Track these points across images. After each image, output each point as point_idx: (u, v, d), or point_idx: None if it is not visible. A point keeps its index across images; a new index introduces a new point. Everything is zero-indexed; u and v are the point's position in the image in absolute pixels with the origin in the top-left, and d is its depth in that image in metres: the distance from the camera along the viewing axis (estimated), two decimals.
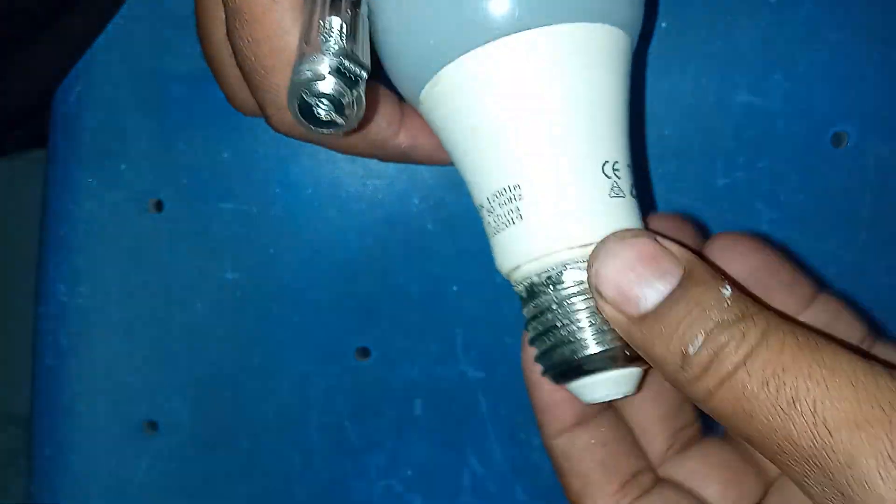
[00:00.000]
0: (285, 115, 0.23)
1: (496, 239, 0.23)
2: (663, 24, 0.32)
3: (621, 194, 0.22)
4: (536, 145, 0.22)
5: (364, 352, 0.35)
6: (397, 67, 0.23)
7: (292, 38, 0.22)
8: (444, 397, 0.35)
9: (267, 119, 0.25)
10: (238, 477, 0.36)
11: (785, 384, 0.18)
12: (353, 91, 0.20)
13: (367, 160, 0.34)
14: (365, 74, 0.20)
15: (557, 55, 0.21)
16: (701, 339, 0.19)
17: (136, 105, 0.34)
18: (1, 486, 0.91)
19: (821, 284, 0.25)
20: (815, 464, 0.17)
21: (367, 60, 0.20)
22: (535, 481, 0.35)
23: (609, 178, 0.22)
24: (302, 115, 0.20)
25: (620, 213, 0.22)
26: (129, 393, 0.36)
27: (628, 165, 0.23)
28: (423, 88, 0.23)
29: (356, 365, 0.35)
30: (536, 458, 0.35)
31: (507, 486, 0.35)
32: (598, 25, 0.22)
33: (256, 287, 0.35)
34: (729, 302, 0.19)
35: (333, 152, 0.29)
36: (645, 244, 0.20)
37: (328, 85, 0.19)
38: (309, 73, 0.19)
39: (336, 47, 0.20)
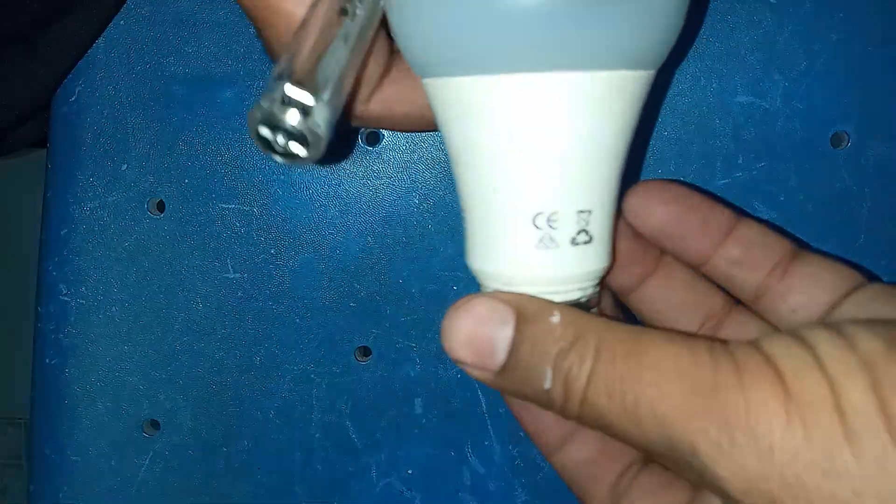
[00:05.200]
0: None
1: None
2: None
3: (552, 245, 0.22)
4: (474, 184, 0.23)
5: (364, 351, 0.35)
6: (412, 47, 0.22)
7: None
8: (445, 397, 0.35)
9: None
10: (239, 476, 0.36)
11: (626, 393, 0.19)
12: (306, 121, 0.18)
13: (367, 160, 0.34)
14: (319, 105, 0.19)
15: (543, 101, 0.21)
16: (550, 373, 0.20)
17: (137, 105, 0.34)
18: (1, 486, 0.91)
19: (741, 213, 0.26)
20: (671, 455, 0.19)
21: (335, 87, 0.19)
22: (535, 481, 0.35)
23: (539, 229, 0.22)
24: (262, 144, 0.19)
25: (546, 263, 0.22)
26: (131, 393, 0.36)
27: (578, 212, 0.22)
28: (428, 77, 0.22)
29: (357, 364, 0.35)
30: (536, 457, 0.35)
31: (507, 486, 0.36)
32: (626, 72, 0.21)
33: (257, 287, 0.35)
34: (560, 329, 0.20)
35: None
36: (476, 304, 0.21)
37: (293, 117, 0.18)
38: (264, 103, 0.19)
39: (295, 73, 0.19)
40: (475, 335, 0.21)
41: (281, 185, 0.34)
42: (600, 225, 0.23)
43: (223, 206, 0.34)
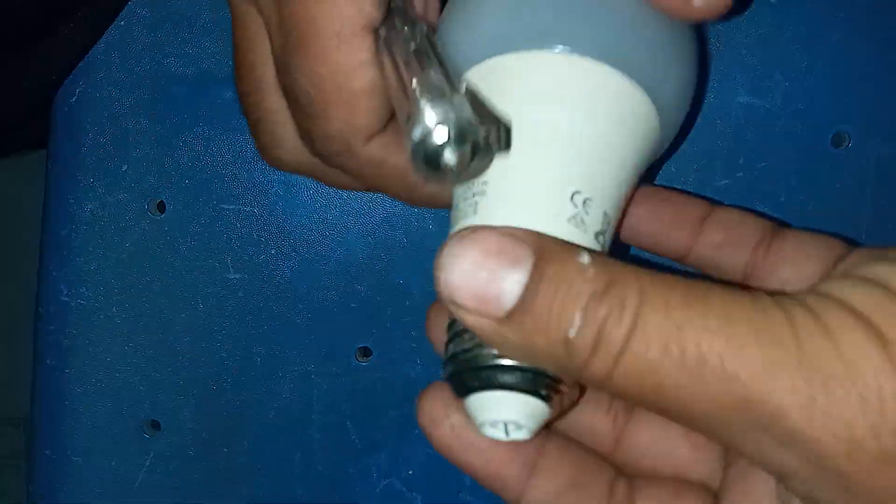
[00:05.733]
0: (336, 147, 0.23)
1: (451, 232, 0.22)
2: None
3: (581, 227, 0.20)
4: (518, 148, 0.21)
5: (365, 351, 0.35)
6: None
7: (358, 76, 0.22)
8: None
9: (312, 147, 0.24)
10: (240, 477, 0.36)
11: (686, 345, 0.16)
12: (472, 136, 0.19)
13: None
14: (474, 123, 0.19)
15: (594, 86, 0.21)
16: (579, 318, 0.17)
17: (138, 106, 0.34)
18: (1, 486, 0.91)
19: (714, 202, 0.26)
20: (739, 419, 0.16)
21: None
22: None
23: (576, 206, 0.20)
24: (429, 169, 0.19)
25: (575, 239, 0.20)
26: (131, 393, 0.36)
27: (605, 213, 0.21)
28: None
29: (357, 365, 0.35)
30: None
31: None
32: (635, 85, 0.21)
33: (258, 287, 0.35)
34: (592, 270, 0.17)
35: None
36: (487, 236, 0.17)
37: (442, 134, 0.18)
38: (420, 131, 0.18)
39: (438, 96, 0.19)
40: (480, 272, 0.17)
41: (281, 186, 0.34)
42: (609, 241, 0.22)
43: (224, 206, 0.34)
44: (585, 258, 0.18)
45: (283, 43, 0.22)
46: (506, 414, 0.20)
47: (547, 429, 0.22)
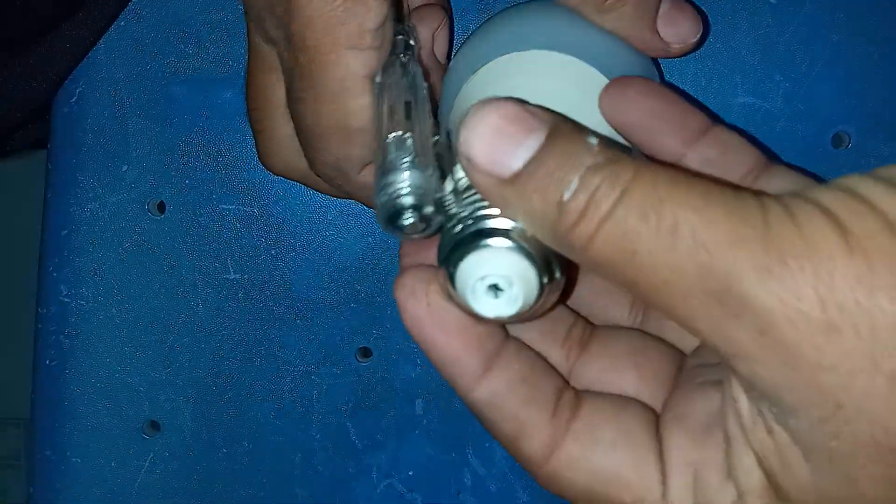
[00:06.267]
0: (328, 169, 0.28)
1: None
2: None
3: None
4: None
5: (365, 352, 0.35)
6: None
7: (356, 117, 0.26)
8: (445, 397, 0.35)
9: (311, 164, 0.29)
10: (240, 477, 0.36)
11: (664, 215, 0.18)
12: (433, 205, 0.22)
13: None
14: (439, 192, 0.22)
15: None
16: (575, 183, 0.19)
17: (138, 106, 0.34)
18: (1, 487, 0.91)
19: (715, 120, 0.26)
20: (698, 289, 0.17)
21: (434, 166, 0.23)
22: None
23: None
24: (388, 227, 0.22)
25: None
26: (131, 394, 0.36)
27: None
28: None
29: (357, 365, 0.35)
30: None
31: (508, 486, 0.36)
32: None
33: (258, 288, 0.35)
34: (598, 149, 0.19)
35: None
36: (509, 106, 0.20)
37: (409, 200, 0.22)
38: (391, 193, 0.22)
39: (412, 164, 0.22)
40: (497, 134, 0.19)
41: (281, 186, 0.34)
42: None
43: (223, 206, 0.34)
44: (594, 139, 0.19)
45: (295, 81, 0.27)
46: (501, 268, 0.22)
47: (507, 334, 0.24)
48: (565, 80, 0.26)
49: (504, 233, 0.22)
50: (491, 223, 0.22)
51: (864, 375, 0.16)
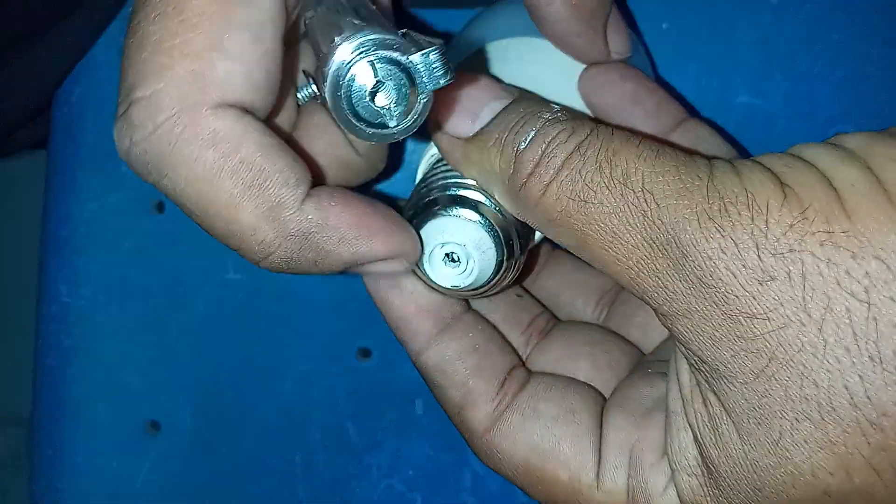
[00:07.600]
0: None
1: None
2: (664, 25, 0.32)
3: None
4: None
5: (365, 352, 0.35)
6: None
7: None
8: None
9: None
10: (240, 477, 0.36)
11: (616, 164, 0.18)
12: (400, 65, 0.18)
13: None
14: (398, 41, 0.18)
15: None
16: (532, 133, 0.19)
17: None
18: (2, 486, 0.91)
19: (692, 112, 0.26)
20: (645, 240, 0.18)
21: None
22: None
23: None
24: (355, 119, 0.18)
25: None
26: (131, 393, 0.36)
27: None
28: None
29: (357, 365, 0.35)
30: None
31: (508, 486, 0.35)
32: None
33: (258, 288, 0.35)
34: (559, 109, 0.20)
35: None
36: (482, 77, 0.21)
37: (363, 68, 0.18)
38: (337, 64, 0.17)
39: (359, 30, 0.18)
40: (466, 97, 0.21)
41: None
42: None
43: None
44: (557, 106, 0.20)
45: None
46: (459, 237, 0.22)
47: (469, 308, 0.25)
48: (543, 64, 0.26)
49: (470, 203, 0.22)
50: (460, 192, 0.22)
51: (795, 325, 0.16)
